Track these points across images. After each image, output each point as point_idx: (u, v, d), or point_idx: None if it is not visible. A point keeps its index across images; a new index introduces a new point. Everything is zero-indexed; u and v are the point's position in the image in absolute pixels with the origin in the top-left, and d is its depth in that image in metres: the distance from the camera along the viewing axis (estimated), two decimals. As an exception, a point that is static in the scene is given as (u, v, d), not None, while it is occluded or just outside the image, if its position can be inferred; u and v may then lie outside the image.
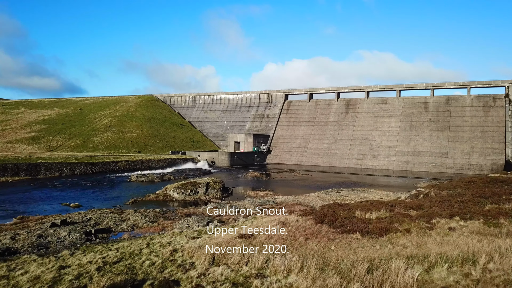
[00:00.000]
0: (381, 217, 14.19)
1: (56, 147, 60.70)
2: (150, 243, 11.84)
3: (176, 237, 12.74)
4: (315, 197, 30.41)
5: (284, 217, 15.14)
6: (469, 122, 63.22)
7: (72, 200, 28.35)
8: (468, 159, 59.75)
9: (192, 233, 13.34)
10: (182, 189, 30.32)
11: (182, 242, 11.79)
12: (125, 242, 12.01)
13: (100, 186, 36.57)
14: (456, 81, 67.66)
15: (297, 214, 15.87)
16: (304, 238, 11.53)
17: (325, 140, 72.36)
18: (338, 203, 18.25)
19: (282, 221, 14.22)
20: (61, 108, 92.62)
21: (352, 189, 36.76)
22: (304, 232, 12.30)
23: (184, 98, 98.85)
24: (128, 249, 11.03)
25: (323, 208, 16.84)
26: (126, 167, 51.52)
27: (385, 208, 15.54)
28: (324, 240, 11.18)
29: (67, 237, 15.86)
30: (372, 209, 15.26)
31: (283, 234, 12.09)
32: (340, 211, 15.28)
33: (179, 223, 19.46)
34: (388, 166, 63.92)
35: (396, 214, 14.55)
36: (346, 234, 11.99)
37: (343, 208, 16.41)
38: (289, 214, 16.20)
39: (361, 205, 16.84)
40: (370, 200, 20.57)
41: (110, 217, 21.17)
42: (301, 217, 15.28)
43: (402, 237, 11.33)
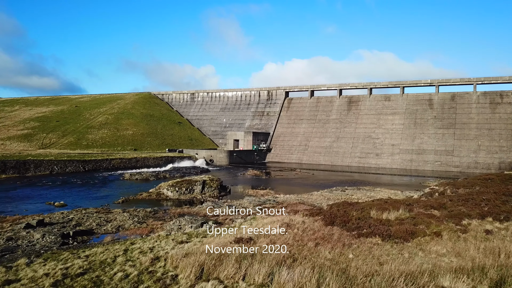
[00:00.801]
0: (401, 217, 12.23)
1: (49, 145, 58.69)
2: (128, 249, 9.87)
3: (161, 242, 10.76)
4: (319, 196, 28.45)
5: (288, 218, 13.18)
6: (475, 119, 61.26)
7: (58, 199, 26.37)
8: (475, 157, 57.80)
9: (180, 237, 11.37)
10: (176, 187, 28.35)
11: (167, 248, 9.83)
12: (99, 248, 10.03)
13: (91, 185, 34.59)
14: (462, 78, 65.65)
15: (302, 214, 13.91)
16: (313, 243, 9.57)
17: (327, 138, 70.39)
18: (347, 202, 16.29)
19: (286, 222, 12.26)
20: (57, 105, 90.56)
21: (357, 187, 34.82)
22: (313, 236, 10.33)
23: (182, 96, 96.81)
24: (100, 257, 9.06)
25: (332, 208, 14.86)
26: (121, 165, 49.55)
27: (403, 207, 13.56)
28: (339, 246, 9.20)
29: (40, 240, 13.89)
30: (389, 209, 13.29)
31: (288, 238, 10.13)
32: (353, 211, 13.31)
33: (170, 224, 17.49)
34: (392, 164, 61.96)
35: (418, 214, 12.58)
36: (364, 238, 10.02)
37: (354, 207, 14.44)
38: (293, 214, 14.25)
39: (374, 204, 14.87)
40: (383, 199, 18.59)
41: (95, 217, 19.20)
42: (308, 217, 13.33)
43: (433, 242, 9.36)
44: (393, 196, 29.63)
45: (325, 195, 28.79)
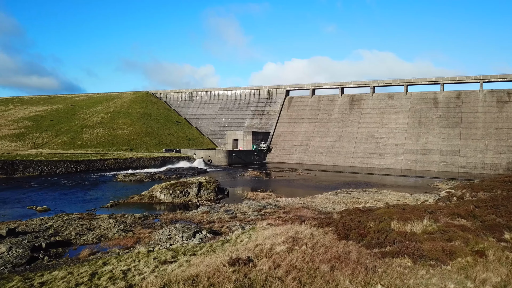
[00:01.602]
0: (428, 230, 10.29)
1: (41, 144, 56.72)
2: (97, 273, 7.94)
3: (140, 261, 8.84)
4: (324, 199, 26.53)
5: (293, 229, 11.26)
6: (482, 118, 59.34)
7: (42, 202, 24.43)
8: (482, 157, 55.88)
9: (164, 254, 9.44)
10: (170, 190, 26.40)
11: (146, 271, 7.90)
12: (60, 271, 8.11)
13: (81, 186, 32.64)
14: (468, 75, 63.72)
15: (310, 224, 11.98)
16: (328, 266, 7.63)
17: (329, 137, 68.45)
18: (360, 208, 14.36)
19: (291, 236, 10.33)
20: (52, 104, 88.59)
21: (363, 189, 32.91)
22: (326, 256, 8.39)
23: (180, 94, 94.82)
24: (58, 285, 7.11)
25: (343, 216, 12.93)
26: (115, 165, 47.61)
27: (428, 217, 11.64)
28: (361, 271, 7.26)
29: (4, 255, 11.95)
30: (411, 218, 11.37)
31: (296, 259, 8.20)
32: (369, 221, 11.38)
33: (159, 232, 15.56)
34: (396, 165, 60.04)
35: (447, 225, 10.65)
36: (390, 259, 8.09)
37: (369, 216, 12.53)
38: (299, 224, 12.32)
39: (392, 212, 12.94)
40: (399, 205, 16.63)
41: (77, 224, 17.27)
42: (316, 228, 11.40)
43: (479, 265, 7.42)
44: (402, 199, 27.74)
45: (330, 198, 26.87)
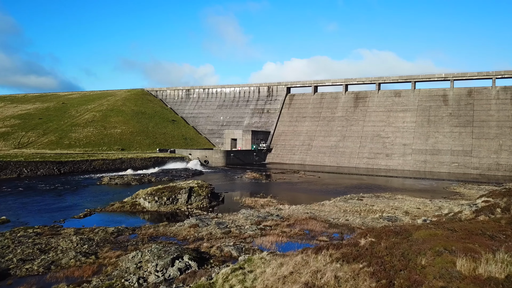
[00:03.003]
0: (514, 273, 6.73)
1: (26, 144, 53.17)
2: None
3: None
4: (333, 207, 23.01)
5: (306, 267, 7.74)
6: (495, 116, 55.82)
7: (5, 211, 20.91)
8: (496, 158, 52.37)
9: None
10: (156, 197, 22.86)
11: None
12: None
13: (59, 191, 29.09)
14: (480, 71, 60.15)
15: (329, 255, 8.45)
16: None
17: (332, 137, 64.91)
18: (391, 229, 10.81)
19: (305, 282, 6.81)
20: (43, 102, 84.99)
21: (375, 194, 29.41)
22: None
23: (177, 92, 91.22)
24: None
25: (373, 243, 9.39)
26: (103, 166, 44.06)
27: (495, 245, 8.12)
28: None
29: None
30: (477, 250, 7.85)
31: None
32: (415, 253, 7.86)
33: (129, 257, 12.04)
34: (404, 166, 56.52)
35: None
36: None
37: (409, 242, 9.04)
38: (313, 254, 8.81)
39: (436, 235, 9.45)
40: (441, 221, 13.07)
41: (30, 244, 13.76)
42: (340, 264, 7.87)
43: None
44: (422, 206, 24.23)
45: (340, 206, 23.33)
